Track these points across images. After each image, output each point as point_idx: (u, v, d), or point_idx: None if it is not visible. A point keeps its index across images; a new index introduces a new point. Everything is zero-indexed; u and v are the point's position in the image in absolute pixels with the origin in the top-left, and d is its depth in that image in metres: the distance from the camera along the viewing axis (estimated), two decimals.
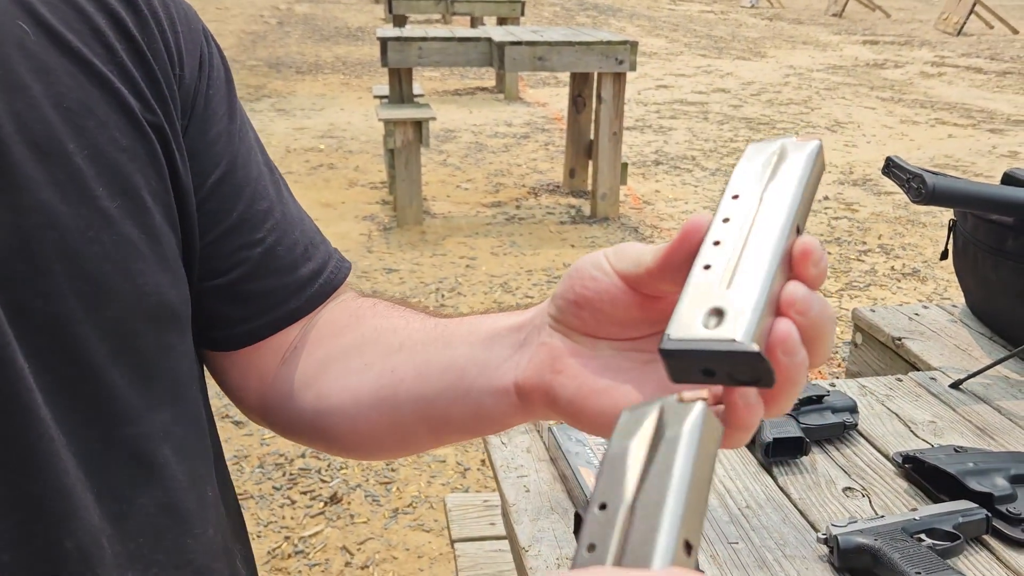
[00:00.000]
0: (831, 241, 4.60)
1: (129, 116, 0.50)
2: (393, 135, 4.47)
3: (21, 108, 0.45)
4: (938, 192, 1.06)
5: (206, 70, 0.57)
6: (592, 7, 18.53)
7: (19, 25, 0.47)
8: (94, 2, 0.51)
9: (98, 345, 0.47)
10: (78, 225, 0.46)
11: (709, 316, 0.37)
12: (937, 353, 1.29)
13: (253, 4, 17.03)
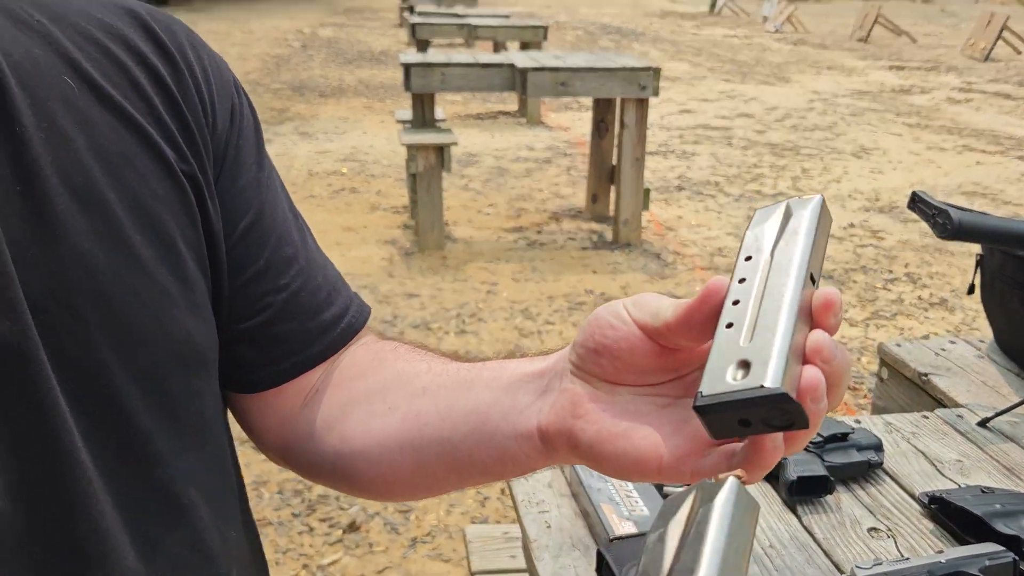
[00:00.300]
0: (857, 269, 4.56)
1: (165, 166, 0.52)
2: (415, 160, 4.50)
3: (65, 159, 0.47)
4: (964, 228, 1.04)
5: (237, 120, 0.59)
6: (615, 31, 18.62)
7: (65, 80, 0.49)
8: (133, 56, 0.53)
9: (132, 390, 0.49)
10: (116, 273, 0.48)
11: (736, 369, 0.39)
12: (964, 390, 1.27)
13: (278, 28, 17.28)
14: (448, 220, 5.05)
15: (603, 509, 1.01)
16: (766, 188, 6.16)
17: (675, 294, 4.26)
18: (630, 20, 21.99)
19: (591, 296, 4.08)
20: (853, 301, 4.10)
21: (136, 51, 0.53)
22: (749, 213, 5.54)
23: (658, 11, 26.06)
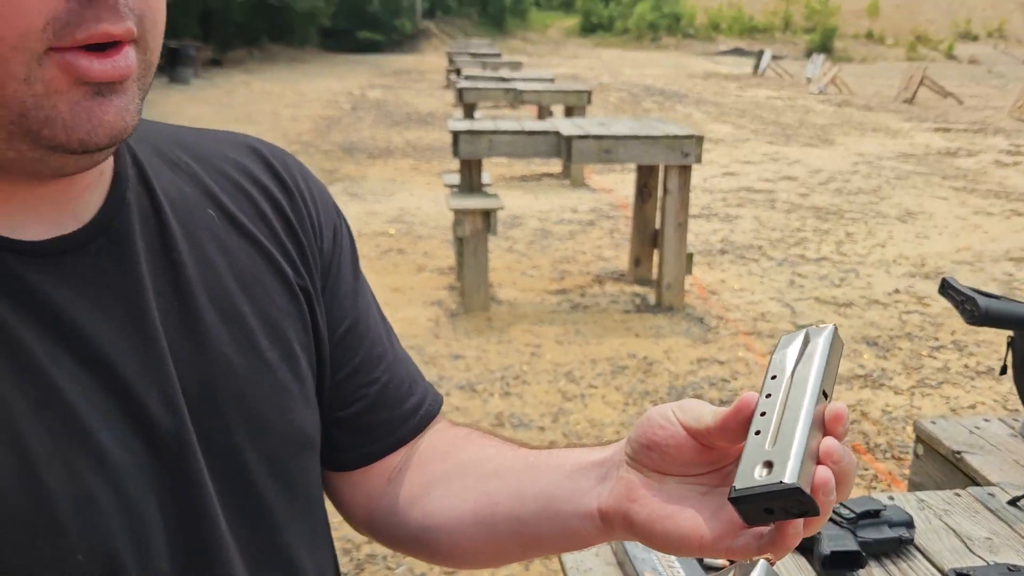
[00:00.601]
0: (902, 336, 4.54)
1: (285, 282, 0.63)
2: (463, 224, 4.63)
3: (210, 280, 0.59)
4: (990, 315, 1.10)
5: (339, 240, 0.70)
6: (658, 92, 18.87)
7: (208, 212, 0.61)
8: (258, 188, 0.64)
9: (260, 469, 0.59)
10: (249, 373, 0.59)
11: (762, 468, 0.49)
12: (997, 468, 1.30)
13: (329, 89, 17.84)
14: (493, 282, 5.16)
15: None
16: (809, 252, 6.18)
17: (718, 359, 4.28)
18: (673, 81, 22.27)
19: (634, 360, 4.12)
20: (898, 369, 4.09)
21: (260, 184, 0.65)
22: (792, 278, 5.57)
23: (701, 72, 26.35)
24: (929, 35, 39.53)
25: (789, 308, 4.96)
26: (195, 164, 0.62)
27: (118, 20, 0.47)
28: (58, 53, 0.46)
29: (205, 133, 0.68)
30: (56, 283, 0.51)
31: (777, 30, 41.54)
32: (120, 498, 0.51)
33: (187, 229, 0.59)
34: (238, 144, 0.67)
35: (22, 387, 0.48)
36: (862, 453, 3.24)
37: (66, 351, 0.51)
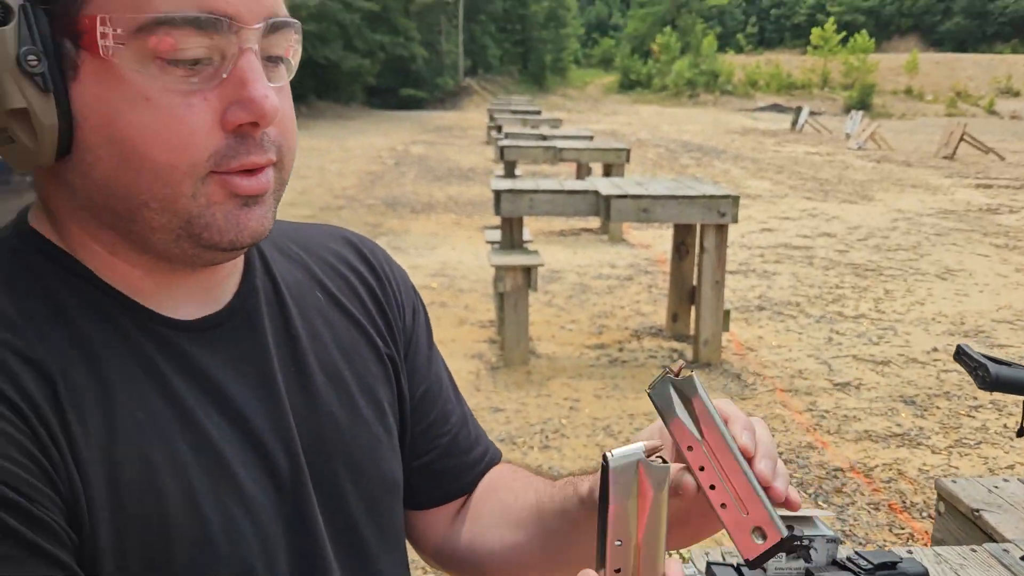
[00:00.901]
0: (940, 395, 4.55)
1: (376, 352, 0.77)
2: (503, 279, 4.77)
3: (320, 351, 0.73)
4: (1000, 381, 1.19)
5: (417, 317, 0.84)
6: (696, 148, 19.05)
7: (316, 295, 0.75)
8: (356, 275, 0.80)
9: (360, 508, 0.72)
10: (351, 428, 0.72)
11: (756, 536, 0.59)
12: (1013, 526, 1.37)
13: (373, 145, 18.30)
14: (532, 336, 5.27)
15: None
16: (847, 310, 6.21)
17: (754, 415, 4.33)
18: (711, 137, 22.47)
19: None
20: (936, 428, 4.09)
21: (356, 270, 0.80)
22: (830, 335, 5.60)
23: (739, 128, 26.54)
24: (969, 91, 39.40)
25: (826, 365, 4.99)
26: (304, 254, 0.78)
27: (262, 153, 0.61)
28: (217, 174, 0.60)
29: (310, 227, 0.83)
30: (206, 353, 0.66)
31: (815, 86, 41.73)
32: (256, 526, 0.64)
33: (301, 309, 0.73)
34: (336, 236, 0.83)
35: (184, 435, 0.62)
36: (898, 512, 3.26)
37: (214, 407, 0.65)
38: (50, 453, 0.56)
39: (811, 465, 3.66)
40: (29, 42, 0.56)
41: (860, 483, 3.52)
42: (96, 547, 0.57)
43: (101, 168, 0.59)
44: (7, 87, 0.56)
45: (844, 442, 3.93)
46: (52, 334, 0.60)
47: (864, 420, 4.19)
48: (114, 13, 0.56)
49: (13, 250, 0.63)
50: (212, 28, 0.56)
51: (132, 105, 0.57)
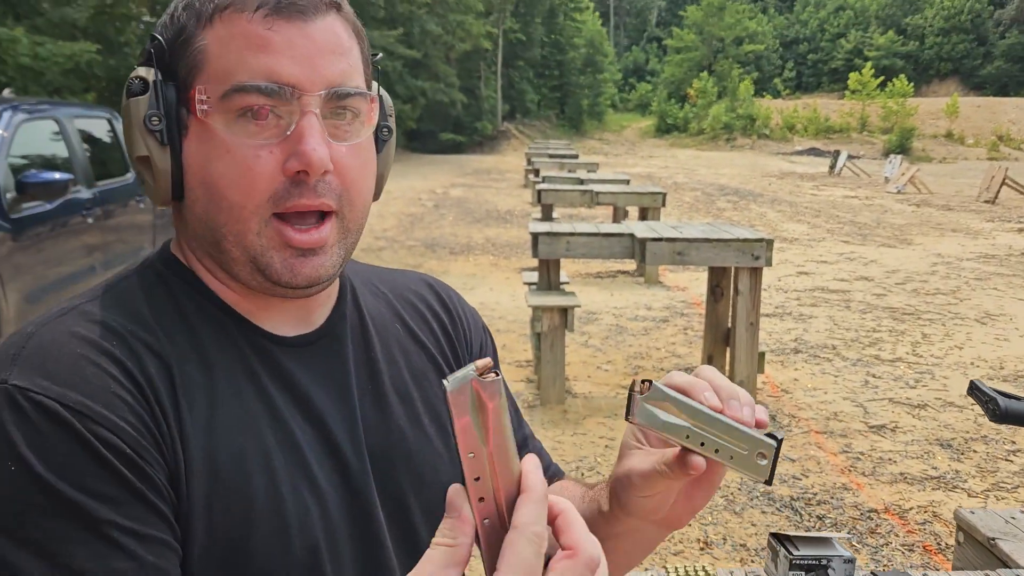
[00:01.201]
0: (978, 439, 4.53)
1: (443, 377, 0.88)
2: (541, 320, 4.87)
3: (393, 373, 0.85)
4: (1010, 413, 1.26)
5: (484, 350, 0.96)
6: (732, 192, 19.09)
7: (396, 327, 0.88)
8: (432, 313, 0.93)
9: (419, 515, 0.82)
10: (414, 440, 0.83)
11: (760, 459, 0.70)
12: None
13: (412, 188, 18.62)
14: (569, 375, 5.35)
15: None
16: (884, 353, 6.20)
17: (789, 457, 4.32)
18: (748, 181, 22.50)
19: None
20: (972, 472, 4.08)
21: (432, 309, 0.93)
22: (866, 378, 5.60)
23: (776, 172, 26.54)
24: (1011, 135, 38.99)
25: (862, 408, 4.99)
26: (389, 293, 0.92)
27: (314, 197, 0.73)
28: (277, 220, 0.73)
29: (397, 272, 0.97)
30: (297, 365, 0.78)
31: (853, 130, 41.60)
32: (325, 516, 0.75)
33: (381, 337, 0.86)
34: (418, 280, 0.97)
35: (272, 429, 0.75)
36: (933, 554, 3.27)
37: (299, 410, 0.77)
38: (160, 425, 0.68)
39: (845, 506, 3.68)
40: (155, 107, 0.73)
41: (895, 524, 3.53)
42: (191, 509, 0.68)
43: (199, 206, 0.75)
44: (136, 139, 0.74)
45: (879, 484, 3.94)
46: (176, 335, 0.74)
47: (899, 463, 4.19)
48: (209, 84, 0.71)
49: (156, 270, 0.79)
50: (276, 96, 0.70)
51: (218, 155, 0.72)
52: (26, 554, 0.61)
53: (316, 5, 0.73)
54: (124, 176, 5.82)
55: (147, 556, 0.64)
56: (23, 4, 10.57)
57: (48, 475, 0.62)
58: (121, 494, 0.64)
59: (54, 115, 5.25)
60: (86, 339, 0.69)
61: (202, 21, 0.72)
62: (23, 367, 0.66)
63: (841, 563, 1.26)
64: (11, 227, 4.28)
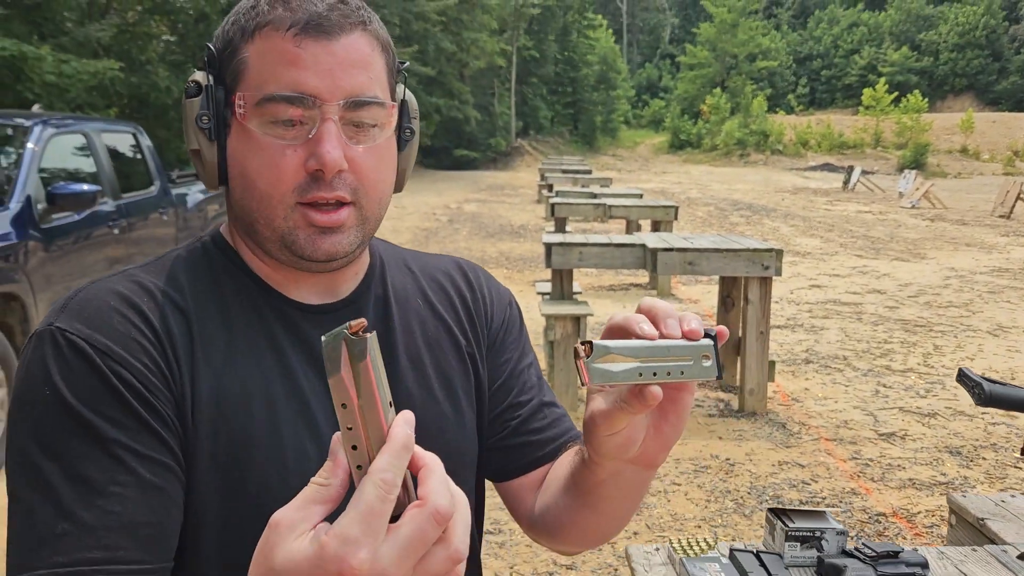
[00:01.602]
0: (987, 447, 4.58)
1: (458, 349, 0.99)
2: (554, 328, 4.97)
3: (408, 341, 0.95)
4: (994, 397, 1.35)
5: (507, 325, 1.04)
6: (746, 207, 19.15)
7: (418, 302, 0.98)
8: (455, 290, 1.02)
9: None
10: (421, 401, 0.93)
11: (705, 361, 0.74)
12: (1014, 532, 1.49)
13: (427, 203, 18.78)
14: None
15: None
16: (895, 364, 6.25)
17: (799, 463, 4.38)
18: (761, 196, 22.55)
19: (716, 460, 4.30)
20: (981, 478, 4.13)
21: (456, 286, 1.03)
22: (877, 388, 5.65)
23: (790, 187, 26.57)
24: None
25: (872, 417, 5.05)
26: (419, 272, 1.02)
27: (330, 190, 0.84)
28: (301, 207, 0.84)
29: (433, 256, 1.07)
30: (315, 328, 0.89)
31: (867, 146, 41.57)
32: (322, 456, 0.83)
33: (401, 308, 0.96)
34: (451, 262, 1.07)
35: (282, 381, 0.86)
36: None
37: (311, 368, 0.88)
38: (172, 367, 0.81)
39: (854, 510, 3.74)
40: (205, 108, 0.86)
41: (902, 527, 3.59)
42: (197, 436, 0.81)
43: (237, 193, 0.88)
44: (189, 134, 0.87)
45: (888, 489, 4.00)
46: (206, 300, 0.87)
47: (909, 469, 4.25)
48: (247, 92, 0.84)
49: (204, 246, 0.93)
50: (300, 104, 0.82)
51: (252, 152, 0.85)
52: (49, 461, 0.75)
53: (342, 24, 0.84)
54: (148, 189, 5.98)
55: (145, 473, 0.76)
56: (49, 23, 10.82)
57: (72, 400, 0.76)
58: (129, 421, 0.77)
59: (82, 129, 5.41)
60: (120, 294, 0.83)
61: (245, 36, 0.84)
62: (67, 314, 0.80)
63: (834, 535, 1.34)
64: (42, 236, 4.42)
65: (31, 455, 0.75)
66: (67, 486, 0.74)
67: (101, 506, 0.74)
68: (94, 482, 0.74)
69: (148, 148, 6.24)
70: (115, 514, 0.74)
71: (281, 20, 0.83)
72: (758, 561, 1.32)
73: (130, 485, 0.75)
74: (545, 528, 1.00)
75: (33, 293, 4.28)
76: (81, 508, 0.73)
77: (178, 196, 6.39)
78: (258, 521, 0.62)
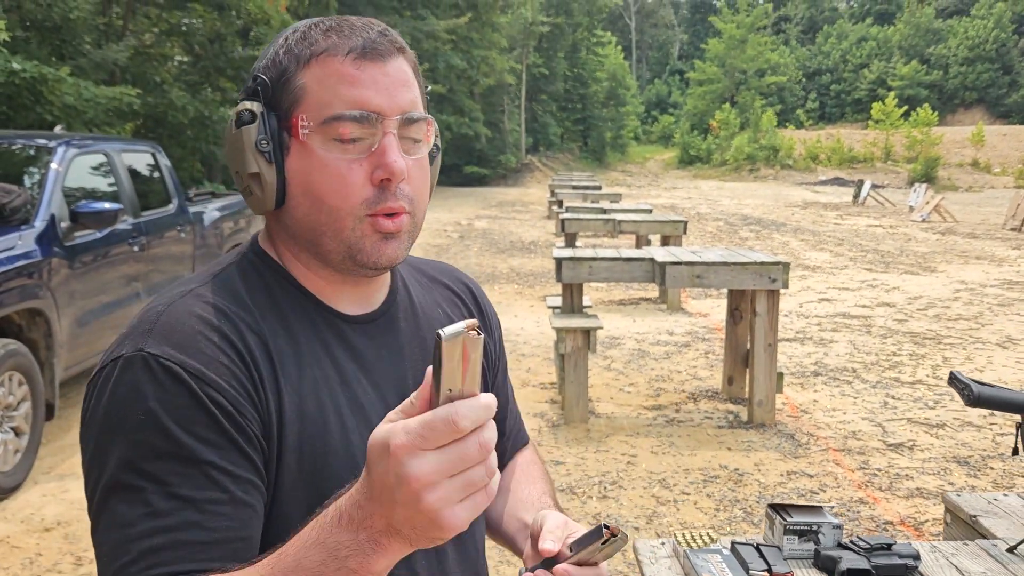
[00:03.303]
0: (994, 457, 4.62)
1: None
2: (564, 341, 5.05)
3: (424, 346, 1.04)
4: (982, 398, 1.42)
5: (500, 345, 1.17)
6: (755, 222, 19.19)
7: (438, 311, 1.08)
8: (463, 303, 1.13)
9: None
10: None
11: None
12: (1005, 528, 1.56)
13: (438, 219, 18.90)
14: (592, 397, 5.50)
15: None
16: (904, 376, 6.29)
17: (807, 473, 4.43)
18: (771, 211, 22.58)
19: (725, 471, 4.36)
20: (989, 487, 4.17)
21: (463, 300, 1.13)
22: (885, 399, 5.70)
23: (800, 202, 26.58)
24: None
25: (880, 427, 5.10)
26: (430, 283, 1.12)
27: (396, 200, 0.92)
28: (369, 217, 0.92)
29: (434, 264, 1.17)
30: (362, 339, 0.98)
31: (878, 160, 41.54)
32: None
33: (427, 318, 1.06)
34: (452, 274, 1.17)
35: (344, 390, 0.94)
36: None
37: (363, 375, 0.96)
38: (258, 388, 0.87)
39: (861, 518, 3.79)
40: (263, 133, 0.92)
41: (910, 536, 3.64)
42: (283, 448, 0.87)
43: (300, 211, 0.93)
44: (249, 159, 0.92)
45: (895, 498, 4.05)
46: (268, 315, 0.93)
47: (916, 478, 4.30)
48: (309, 113, 0.91)
49: (251, 261, 0.98)
50: (365, 120, 0.90)
51: (318, 170, 0.91)
52: (147, 481, 0.79)
53: (390, 50, 0.92)
54: (166, 207, 6.10)
55: (236, 491, 0.82)
56: (68, 45, 11.03)
57: (168, 422, 0.81)
58: (222, 441, 0.82)
59: (103, 149, 5.55)
60: (202, 318, 0.88)
61: (301, 63, 0.91)
62: (156, 338, 0.85)
63: (830, 528, 1.42)
64: (65, 254, 4.54)
65: (127, 476, 0.79)
66: (165, 503, 0.78)
67: (199, 523, 0.79)
68: (191, 500, 0.79)
69: (166, 167, 6.37)
70: (211, 530, 0.80)
71: (338, 47, 0.90)
72: (758, 553, 1.39)
73: (224, 503, 0.80)
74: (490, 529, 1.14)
75: (57, 309, 4.39)
76: (180, 523, 0.78)
77: (195, 214, 6.52)
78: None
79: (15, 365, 4.01)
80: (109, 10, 12.94)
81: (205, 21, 13.06)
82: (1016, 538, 1.48)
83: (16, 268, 4.12)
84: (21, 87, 8.55)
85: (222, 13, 13.09)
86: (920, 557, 1.38)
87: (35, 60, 9.00)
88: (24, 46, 9.89)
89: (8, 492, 3.95)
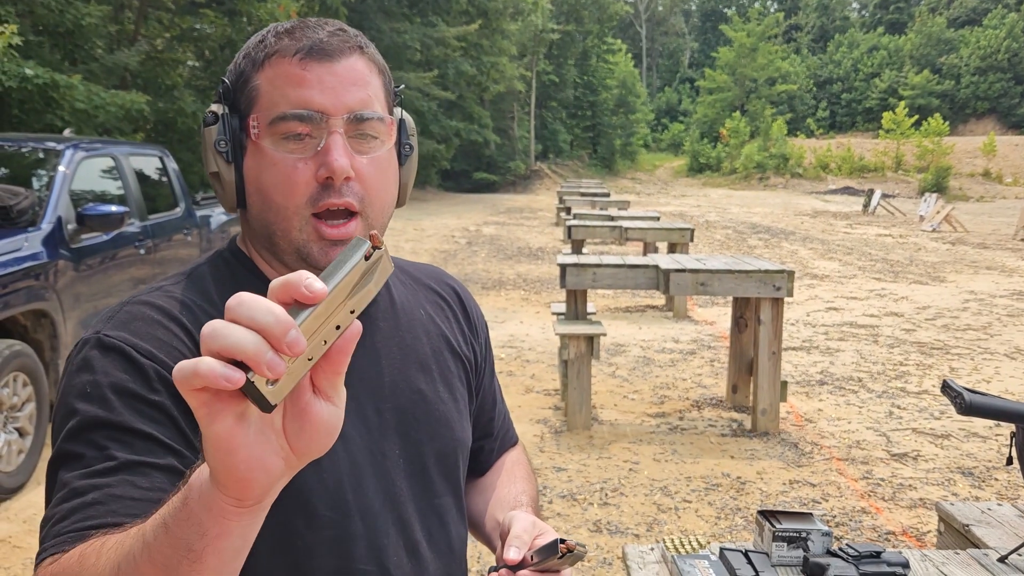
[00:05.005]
0: (999, 468, 4.58)
1: (457, 356, 1.10)
2: (568, 348, 5.04)
3: (417, 347, 1.05)
4: (974, 406, 1.41)
5: (488, 343, 1.18)
6: (764, 230, 19.14)
7: (419, 312, 1.08)
8: (448, 305, 1.13)
9: (430, 455, 1.02)
10: (432, 399, 1.04)
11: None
12: (997, 537, 1.55)
13: (446, 225, 18.93)
14: (595, 403, 5.50)
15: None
16: (910, 386, 6.26)
17: (810, 482, 4.42)
18: (780, 219, 22.53)
19: (728, 479, 4.34)
20: (993, 498, 4.14)
21: (448, 302, 1.14)
22: (891, 409, 5.67)
23: (809, 210, 26.51)
24: None
25: (885, 437, 5.07)
26: (414, 283, 1.12)
27: (339, 197, 0.92)
28: (314, 219, 0.93)
29: (423, 266, 1.18)
30: None
31: (888, 169, 41.40)
32: (347, 452, 0.94)
33: (409, 318, 1.07)
34: (438, 276, 1.18)
35: None
36: None
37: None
38: None
39: (863, 528, 3.77)
40: (222, 134, 0.95)
41: (912, 546, 3.61)
42: None
43: (255, 210, 0.96)
44: (209, 159, 0.96)
45: (898, 508, 4.02)
46: None
47: (920, 489, 4.27)
48: (260, 114, 0.93)
49: (225, 259, 1.02)
50: (309, 120, 0.91)
51: (267, 168, 0.93)
52: (84, 446, 0.83)
53: (341, 48, 0.94)
54: (173, 210, 6.14)
55: (170, 459, 0.84)
56: (80, 51, 11.11)
57: (109, 393, 0.84)
58: (162, 417, 0.85)
59: (111, 153, 5.58)
60: (163, 309, 0.92)
61: (256, 66, 0.94)
62: (114, 324, 0.90)
63: (819, 535, 1.41)
64: (72, 256, 4.57)
65: (71, 445, 0.83)
66: (100, 465, 0.81)
67: (132, 482, 0.81)
68: (125, 463, 0.82)
69: (174, 171, 6.41)
70: (144, 489, 0.82)
71: (287, 48, 0.93)
72: (746, 559, 1.39)
73: (157, 468, 0.83)
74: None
75: (63, 311, 4.41)
76: (114, 483, 0.81)
77: (202, 218, 6.55)
78: (299, 509, 0.78)
79: (20, 366, 4.04)
80: (121, 15, 13.04)
81: (216, 27, 13.14)
82: (1008, 548, 1.47)
83: (22, 270, 4.15)
84: (33, 92, 8.62)
85: (233, 19, 13.18)
86: (909, 565, 1.38)
87: (47, 65, 9.07)
88: (37, 51, 9.97)
89: (11, 492, 3.97)
